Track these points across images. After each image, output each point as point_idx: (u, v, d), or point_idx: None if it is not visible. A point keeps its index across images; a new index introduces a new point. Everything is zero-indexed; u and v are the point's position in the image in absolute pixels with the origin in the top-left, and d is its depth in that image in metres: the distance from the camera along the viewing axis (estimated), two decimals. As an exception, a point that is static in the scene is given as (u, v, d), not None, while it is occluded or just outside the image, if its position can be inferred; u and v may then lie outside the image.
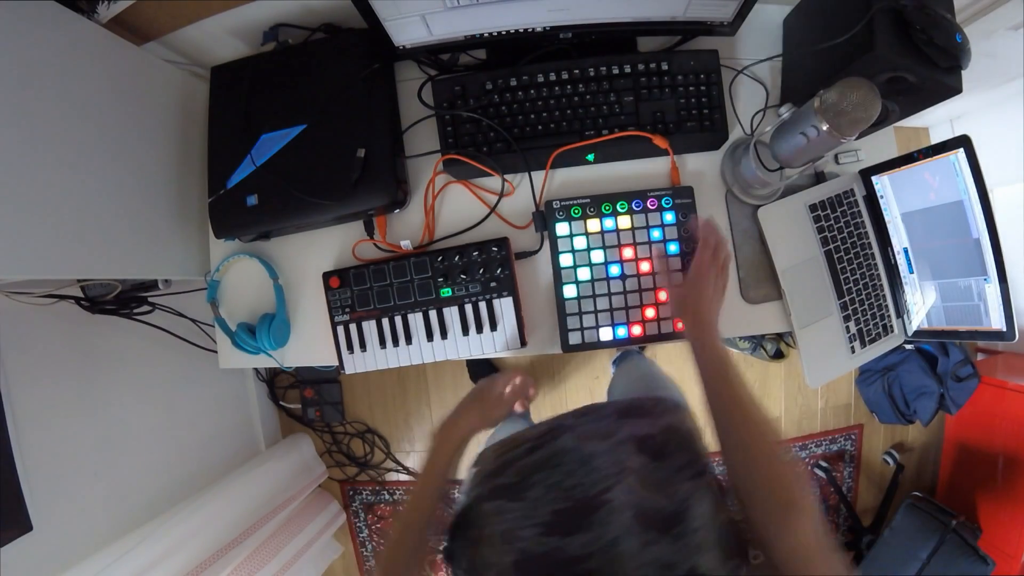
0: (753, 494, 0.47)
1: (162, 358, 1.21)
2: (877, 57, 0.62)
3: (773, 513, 0.44)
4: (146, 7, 0.78)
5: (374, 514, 1.82)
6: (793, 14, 0.81)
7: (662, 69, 0.77)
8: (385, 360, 0.79)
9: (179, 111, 0.89)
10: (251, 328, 0.82)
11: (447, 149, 0.79)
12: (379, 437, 1.78)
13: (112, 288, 0.96)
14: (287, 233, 0.84)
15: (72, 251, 0.70)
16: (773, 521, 0.44)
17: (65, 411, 0.98)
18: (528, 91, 0.77)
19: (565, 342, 0.77)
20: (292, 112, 0.77)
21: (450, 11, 0.67)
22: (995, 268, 0.71)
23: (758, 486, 0.47)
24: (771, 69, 0.84)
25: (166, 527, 1.10)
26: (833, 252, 0.80)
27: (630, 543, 0.37)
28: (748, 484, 0.48)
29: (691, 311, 0.63)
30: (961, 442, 1.71)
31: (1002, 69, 1.17)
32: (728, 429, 0.53)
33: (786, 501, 0.45)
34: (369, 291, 0.79)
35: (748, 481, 0.48)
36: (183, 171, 0.89)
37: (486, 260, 0.76)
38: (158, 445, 1.20)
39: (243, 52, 0.87)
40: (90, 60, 0.73)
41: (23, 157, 0.63)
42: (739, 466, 0.50)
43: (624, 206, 0.76)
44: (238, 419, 1.59)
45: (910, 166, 0.76)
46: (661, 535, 0.38)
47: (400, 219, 0.83)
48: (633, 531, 0.38)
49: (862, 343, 0.82)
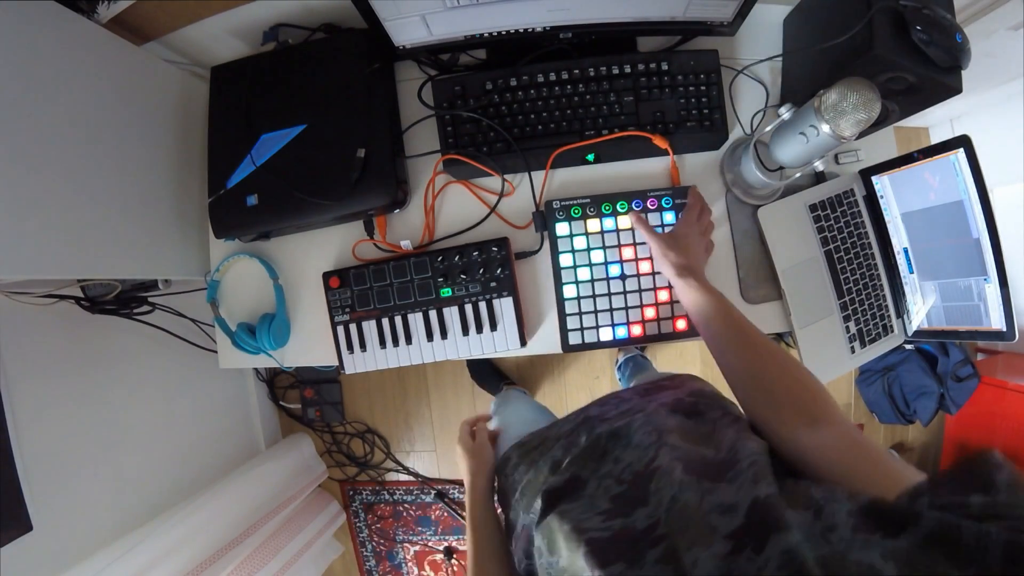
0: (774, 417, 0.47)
1: (162, 358, 1.21)
2: (877, 57, 0.62)
3: (798, 428, 0.44)
4: (146, 7, 0.78)
5: (374, 514, 1.82)
6: (793, 14, 0.81)
7: (662, 69, 0.77)
8: (385, 360, 0.79)
9: (179, 111, 0.89)
10: (251, 328, 0.82)
11: (447, 149, 0.79)
12: (379, 437, 1.78)
13: (112, 288, 0.96)
14: (287, 233, 0.84)
15: (72, 251, 0.70)
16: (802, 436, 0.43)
17: (65, 411, 0.98)
18: (528, 91, 0.77)
19: (565, 342, 0.77)
20: (292, 112, 0.77)
21: (450, 11, 0.67)
22: (995, 268, 0.71)
23: (779, 404, 0.47)
24: (771, 69, 0.84)
25: (166, 527, 1.10)
26: (833, 252, 0.80)
27: (689, 496, 0.36)
28: (767, 410, 0.48)
29: (673, 259, 0.65)
30: (961, 442, 1.71)
31: (1002, 69, 1.17)
32: (735, 360, 0.53)
33: (810, 414, 0.44)
34: (369, 291, 0.79)
35: (767, 407, 0.48)
36: (183, 171, 0.89)
37: (486, 260, 0.76)
38: (158, 445, 1.20)
39: (243, 52, 0.87)
40: (90, 60, 0.73)
41: (23, 157, 0.63)
42: (754, 392, 0.50)
43: (624, 206, 0.76)
44: (238, 419, 1.59)
45: (910, 166, 0.76)
46: (716, 483, 0.37)
47: (400, 219, 0.83)
48: (689, 485, 0.37)
49: (862, 343, 0.82)
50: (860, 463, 0.38)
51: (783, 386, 0.49)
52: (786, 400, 0.48)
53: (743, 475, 0.36)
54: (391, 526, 1.82)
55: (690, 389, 0.57)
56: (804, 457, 0.43)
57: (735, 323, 0.56)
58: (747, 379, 0.52)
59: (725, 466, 0.39)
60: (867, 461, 0.38)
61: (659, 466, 0.41)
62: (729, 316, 0.57)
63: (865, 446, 0.39)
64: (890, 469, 0.37)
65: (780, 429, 0.46)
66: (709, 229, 0.73)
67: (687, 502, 0.36)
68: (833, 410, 0.45)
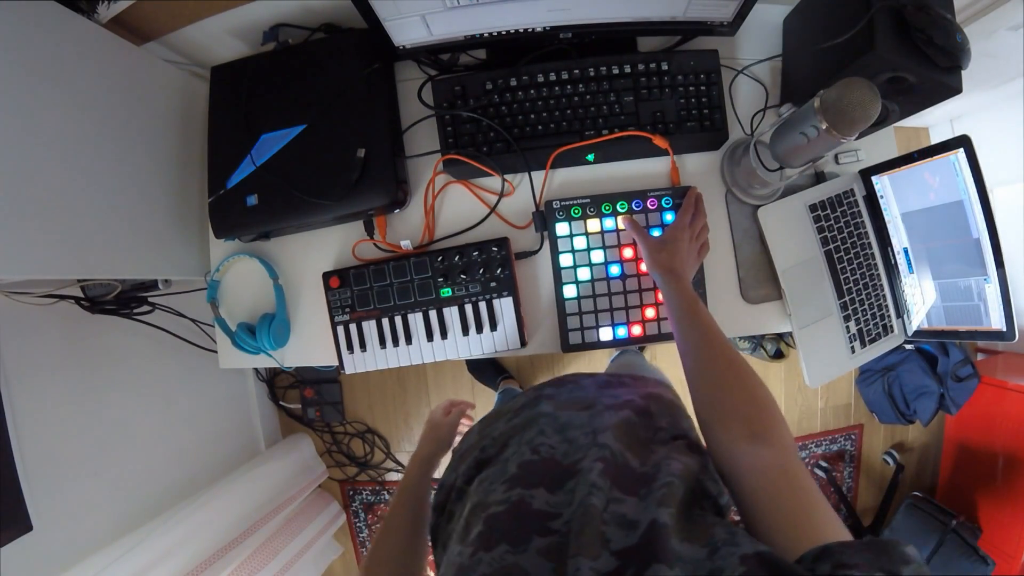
0: (720, 424, 0.47)
1: (162, 358, 1.21)
2: (877, 57, 0.62)
3: (739, 440, 0.44)
4: (146, 7, 0.78)
5: (374, 514, 1.82)
6: (793, 14, 0.81)
7: (662, 69, 0.77)
8: (385, 360, 0.79)
9: (179, 111, 0.89)
10: (251, 328, 0.82)
11: (447, 149, 0.79)
12: (379, 437, 1.78)
13: (112, 288, 0.96)
14: (287, 233, 0.84)
15: (72, 251, 0.70)
16: (739, 448, 0.43)
17: (65, 411, 0.98)
18: (528, 91, 0.77)
19: (565, 342, 0.77)
20: (292, 112, 0.77)
21: (450, 11, 0.67)
22: (995, 268, 0.71)
23: (726, 413, 0.47)
24: (771, 69, 0.84)
25: (166, 527, 1.10)
26: (833, 252, 0.80)
27: (595, 500, 0.36)
28: (714, 415, 0.48)
29: (659, 260, 0.67)
30: (961, 442, 1.71)
31: (1002, 69, 1.17)
32: (693, 362, 0.54)
33: (752, 429, 0.44)
34: (369, 291, 0.79)
35: (714, 412, 0.48)
36: (183, 171, 0.89)
37: (486, 260, 0.76)
38: (158, 445, 1.20)
39: (243, 52, 0.87)
40: (90, 60, 0.73)
41: (23, 157, 0.63)
42: (706, 396, 0.51)
43: (624, 206, 0.76)
44: (238, 419, 1.59)
45: (910, 166, 0.76)
46: (626, 495, 0.37)
47: (400, 219, 0.83)
48: (601, 489, 0.37)
49: (862, 343, 0.82)
50: (784, 495, 0.37)
51: (734, 395, 0.49)
52: (732, 410, 0.47)
53: (653, 494, 0.36)
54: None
55: (648, 392, 0.57)
56: (736, 472, 0.42)
57: (702, 325, 0.57)
58: (701, 382, 0.53)
59: (642, 480, 0.39)
60: (792, 495, 0.37)
61: (582, 468, 0.40)
62: (696, 317, 0.58)
63: (797, 479, 0.38)
64: (813, 512, 0.36)
65: (722, 437, 0.46)
66: (703, 233, 0.73)
67: (592, 505, 0.36)
68: (777, 431, 0.45)
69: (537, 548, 0.34)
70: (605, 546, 0.32)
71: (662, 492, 0.36)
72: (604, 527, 0.34)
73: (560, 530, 0.35)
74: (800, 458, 0.42)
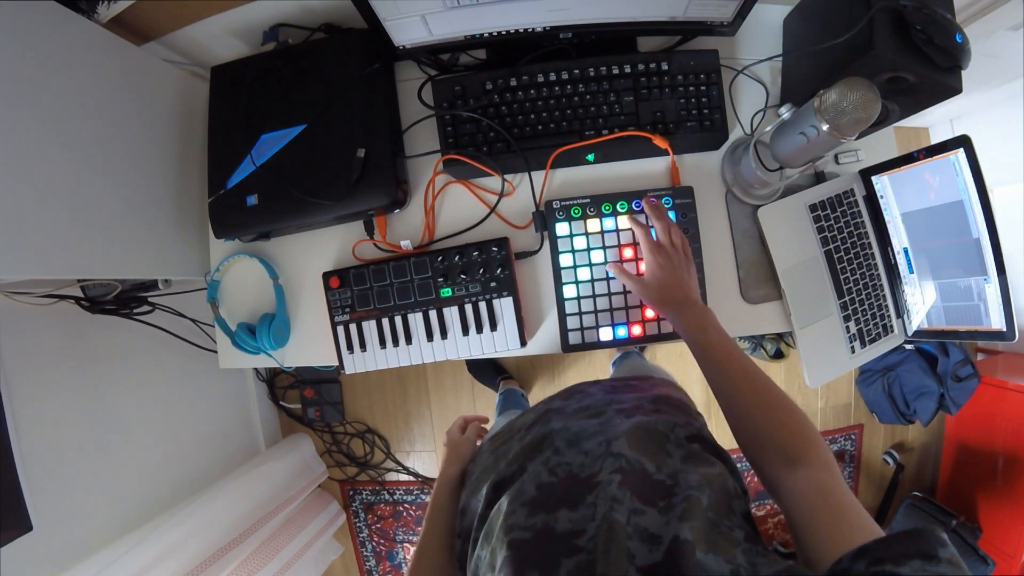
0: (759, 455, 0.49)
1: (162, 358, 1.21)
2: (877, 57, 0.62)
3: (779, 468, 0.45)
4: (146, 7, 0.78)
5: (374, 514, 1.82)
6: (793, 14, 0.81)
7: (662, 69, 0.77)
8: (385, 360, 0.79)
9: (179, 111, 0.89)
10: (251, 328, 0.82)
11: (447, 149, 0.79)
12: (379, 437, 1.78)
13: (112, 288, 0.96)
14: (287, 233, 0.84)
15: (72, 251, 0.70)
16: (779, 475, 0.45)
17: (65, 411, 0.98)
18: (528, 91, 0.77)
19: (565, 342, 0.77)
20: (292, 112, 0.77)
21: (450, 11, 0.67)
22: (995, 268, 0.71)
23: (762, 444, 0.49)
24: (771, 69, 0.84)
25: (166, 527, 1.10)
26: (833, 252, 0.80)
27: (618, 514, 0.37)
28: (754, 447, 0.50)
29: (656, 301, 0.65)
30: (961, 442, 1.71)
31: (1002, 69, 1.18)
32: (725, 401, 0.54)
33: (787, 455, 0.46)
34: (369, 291, 0.79)
35: (753, 444, 0.50)
36: (183, 171, 0.89)
37: (486, 260, 0.76)
38: (158, 445, 1.20)
39: (243, 52, 0.87)
40: (90, 60, 0.73)
41: (23, 157, 0.63)
42: (743, 431, 0.52)
43: (624, 206, 0.76)
44: (238, 419, 1.59)
45: (910, 166, 0.76)
46: (647, 506, 0.37)
47: (400, 219, 0.83)
48: (622, 502, 0.38)
49: (862, 343, 0.82)
50: (821, 512, 0.39)
51: (766, 426, 0.50)
52: (767, 440, 0.49)
53: (676, 508, 0.37)
54: (391, 526, 1.82)
55: (656, 394, 0.57)
56: (779, 495, 0.45)
57: (719, 359, 0.56)
58: (732, 417, 0.54)
59: (661, 489, 0.39)
60: (828, 511, 0.39)
61: (600, 481, 0.41)
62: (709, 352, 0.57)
63: (833, 495, 0.40)
64: (850, 521, 0.37)
65: (764, 467, 0.48)
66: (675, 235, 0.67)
67: (615, 520, 0.36)
68: (812, 452, 0.46)
69: (567, 570, 0.35)
70: (631, 562, 0.33)
71: (683, 507, 0.37)
72: (628, 542, 0.35)
73: (586, 547, 0.36)
74: (837, 472, 0.44)
